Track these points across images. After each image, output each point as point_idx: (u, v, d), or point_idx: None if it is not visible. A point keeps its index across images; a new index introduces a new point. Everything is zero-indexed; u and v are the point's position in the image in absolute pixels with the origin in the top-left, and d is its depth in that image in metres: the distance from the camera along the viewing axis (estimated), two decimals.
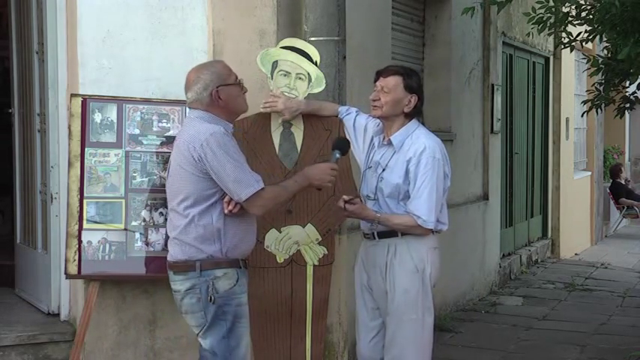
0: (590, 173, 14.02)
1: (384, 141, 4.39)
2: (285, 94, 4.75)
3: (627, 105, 7.30)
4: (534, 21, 6.43)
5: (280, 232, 4.80)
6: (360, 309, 4.51)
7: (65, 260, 4.76)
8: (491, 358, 6.59)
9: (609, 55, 7.10)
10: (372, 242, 4.38)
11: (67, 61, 5.21)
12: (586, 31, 6.64)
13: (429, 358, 4.38)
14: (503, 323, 7.73)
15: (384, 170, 4.31)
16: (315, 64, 4.81)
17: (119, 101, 4.84)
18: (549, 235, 11.94)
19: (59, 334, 5.20)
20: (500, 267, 9.50)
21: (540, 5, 6.34)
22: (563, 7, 6.52)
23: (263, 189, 3.82)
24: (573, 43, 6.88)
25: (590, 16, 6.40)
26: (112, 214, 4.76)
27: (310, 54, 4.82)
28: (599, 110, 7.60)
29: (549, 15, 6.40)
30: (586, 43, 7.18)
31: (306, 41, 4.95)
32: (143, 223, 4.78)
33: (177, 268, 3.89)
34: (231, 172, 3.77)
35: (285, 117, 4.72)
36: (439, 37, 7.93)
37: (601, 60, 6.97)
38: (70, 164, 4.78)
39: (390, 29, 6.69)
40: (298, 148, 4.80)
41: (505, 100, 9.82)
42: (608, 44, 7.06)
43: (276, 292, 4.82)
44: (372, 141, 4.50)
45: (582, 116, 12.69)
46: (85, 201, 4.73)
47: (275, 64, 4.80)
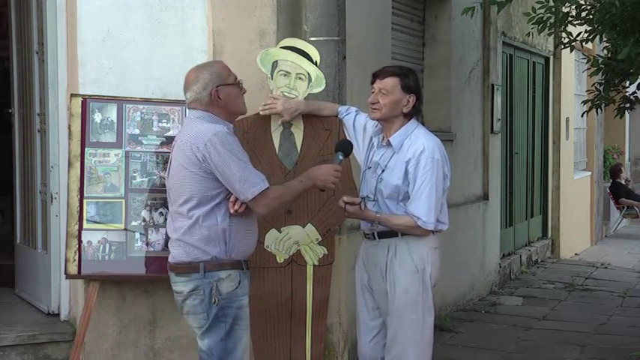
0: (590, 173, 14.03)
1: (383, 142, 4.38)
2: (285, 95, 4.75)
3: (627, 105, 7.30)
4: (534, 21, 6.43)
5: (280, 232, 4.80)
6: (360, 309, 4.51)
7: (65, 260, 4.76)
8: (491, 358, 6.59)
9: (609, 55, 7.10)
10: (373, 242, 4.38)
11: (67, 61, 5.21)
12: (586, 31, 6.64)
13: (429, 358, 4.38)
14: (503, 323, 7.73)
15: (384, 171, 4.31)
16: (315, 64, 4.81)
17: (119, 101, 4.84)
18: (549, 235, 11.94)
19: (59, 334, 5.20)
20: (500, 267, 9.50)
21: (540, 5, 6.34)
22: (563, 7, 6.52)
23: (268, 188, 3.81)
24: (573, 43, 6.88)
25: (590, 16, 6.40)
26: (112, 214, 4.76)
27: (310, 54, 4.82)
28: (599, 110, 7.60)
29: (549, 15, 6.40)
30: (586, 43, 7.18)
31: (306, 41, 4.94)
32: (143, 223, 4.78)
33: (180, 270, 3.86)
34: (237, 172, 3.75)
35: (284, 118, 4.71)
36: (439, 37, 7.93)
37: (601, 60, 6.97)
38: (70, 164, 4.77)
39: (390, 29, 6.69)
40: (298, 148, 4.79)
41: (505, 100, 9.82)
42: (608, 44, 7.06)
43: (276, 292, 4.82)
44: (371, 141, 4.49)
45: (582, 116, 12.69)
46: (85, 201, 4.73)
47: (275, 64, 4.79)
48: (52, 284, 5.39)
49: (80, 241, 4.72)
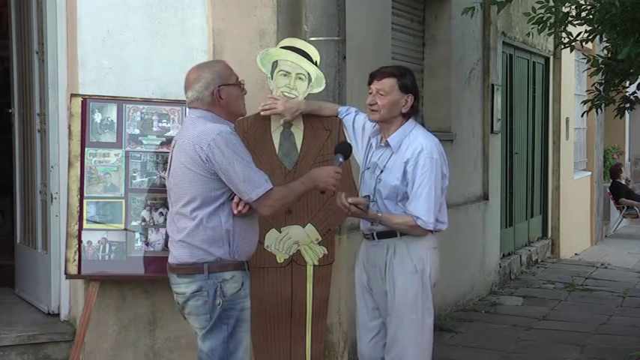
0: (590, 173, 14.03)
1: (382, 142, 4.37)
2: (285, 95, 4.75)
3: (627, 105, 7.30)
4: (534, 21, 6.43)
5: (280, 232, 4.80)
6: (360, 309, 4.51)
7: (65, 260, 4.76)
8: (491, 358, 6.59)
9: (609, 55, 7.10)
10: (372, 242, 4.37)
11: (67, 61, 5.21)
12: (586, 31, 6.64)
13: (429, 358, 4.38)
14: (503, 323, 7.73)
15: (382, 172, 4.30)
16: (315, 64, 4.81)
17: (119, 101, 4.84)
18: (549, 235, 11.93)
19: (59, 334, 5.20)
20: (500, 267, 9.50)
21: (540, 5, 6.34)
22: (563, 7, 6.52)
23: (272, 189, 3.78)
24: (573, 43, 6.88)
25: (590, 16, 6.40)
26: (112, 214, 4.76)
27: (310, 54, 4.82)
28: (599, 110, 7.59)
29: (549, 15, 6.40)
30: (586, 43, 7.18)
31: (306, 41, 4.94)
32: (143, 223, 4.78)
33: (183, 271, 3.82)
34: (241, 172, 3.72)
35: (286, 118, 4.71)
36: (439, 37, 7.93)
37: (601, 60, 6.97)
38: (70, 164, 4.77)
39: (390, 29, 6.68)
40: (298, 148, 4.79)
41: (505, 100, 9.82)
42: (608, 44, 7.06)
43: (276, 292, 4.82)
44: (370, 142, 4.48)
45: (582, 116, 12.69)
46: (85, 201, 4.73)
47: (275, 64, 4.79)
48: (52, 284, 5.39)
49: (80, 241, 4.72)
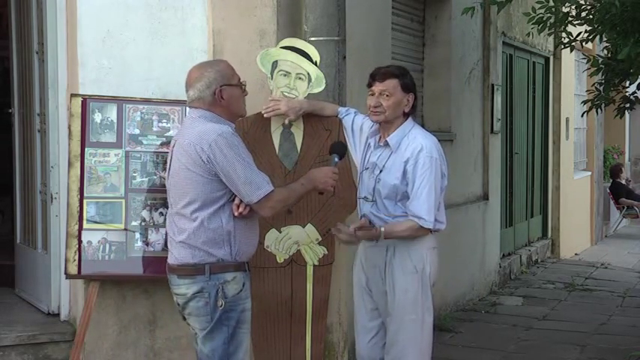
0: (590, 173, 14.03)
1: (380, 142, 4.37)
2: (285, 95, 4.75)
3: (627, 105, 7.30)
4: (534, 21, 6.43)
5: (280, 232, 4.80)
6: (358, 310, 4.51)
7: (65, 260, 4.76)
8: (491, 358, 6.59)
9: (609, 55, 7.11)
10: (371, 243, 4.36)
11: (67, 61, 5.21)
12: (586, 31, 6.64)
13: (429, 358, 4.38)
14: (503, 323, 7.73)
15: (382, 171, 4.30)
16: (315, 64, 4.81)
17: (119, 101, 4.84)
18: (549, 235, 11.94)
19: (59, 334, 5.20)
20: (500, 267, 9.50)
21: (540, 5, 6.34)
22: (563, 7, 6.52)
23: (273, 191, 3.77)
24: (573, 43, 6.88)
25: (590, 16, 6.41)
26: (112, 214, 4.76)
27: (310, 54, 4.82)
28: (599, 110, 7.60)
29: (549, 15, 6.41)
30: (586, 43, 7.18)
31: (306, 41, 4.94)
32: (143, 223, 4.77)
33: (184, 272, 3.80)
34: (242, 174, 3.70)
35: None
36: (439, 37, 7.93)
37: (601, 60, 6.98)
38: (70, 164, 4.77)
39: (390, 29, 6.69)
40: (298, 148, 4.79)
41: (505, 100, 9.82)
42: (608, 44, 7.06)
43: (276, 292, 4.82)
44: (367, 142, 4.47)
45: (582, 116, 12.69)
46: (85, 201, 4.73)
47: (275, 64, 4.79)
48: (52, 284, 5.39)
49: (80, 241, 4.72)
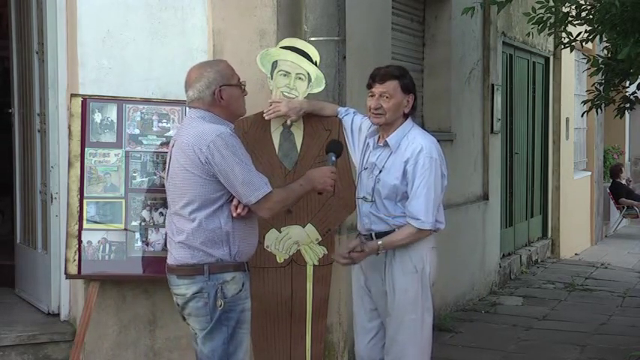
0: (590, 173, 14.03)
1: (380, 142, 4.37)
2: (285, 95, 4.75)
3: (627, 105, 7.30)
4: (534, 21, 6.43)
5: (280, 232, 4.81)
6: (357, 311, 4.50)
7: (65, 260, 4.76)
8: (491, 358, 6.59)
9: (609, 55, 7.10)
10: None
11: (67, 61, 5.21)
12: (586, 31, 6.64)
13: (428, 358, 4.38)
14: (503, 323, 7.73)
15: (381, 172, 4.29)
16: (315, 64, 4.81)
17: (119, 101, 4.84)
18: (549, 235, 11.94)
19: (59, 334, 5.20)
20: (500, 267, 9.50)
21: (540, 5, 6.34)
22: (563, 7, 6.52)
23: (271, 192, 3.76)
24: (573, 43, 6.88)
25: (590, 16, 6.41)
26: (112, 214, 4.76)
27: (310, 54, 4.82)
28: (599, 110, 7.60)
29: (549, 15, 6.40)
30: (586, 43, 7.18)
31: (306, 41, 4.94)
32: (143, 223, 4.78)
33: (183, 272, 3.80)
34: (240, 175, 3.69)
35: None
36: (439, 37, 7.93)
37: (601, 60, 6.98)
38: (70, 164, 4.77)
39: (390, 29, 6.68)
40: (298, 148, 4.80)
41: (505, 100, 9.82)
42: (608, 44, 7.06)
43: (276, 292, 4.82)
44: (367, 142, 4.46)
45: (582, 116, 12.69)
46: (85, 201, 4.73)
47: (275, 64, 4.79)
48: (52, 284, 5.39)
49: (80, 241, 4.72)
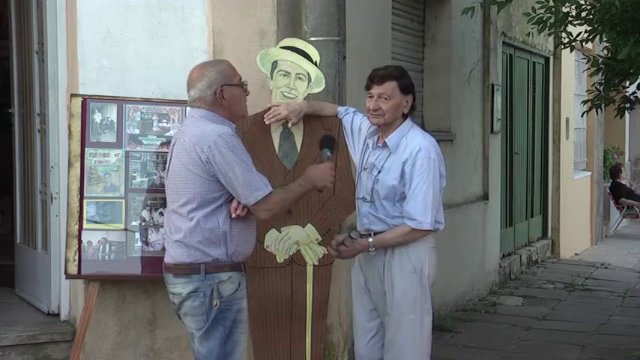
0: (590, 173, 14.03)
1: (379, 142, 4.36)
2: (285, 95, 4.75)
3: (627, 105, 7.30)
4: (534, 21, 6.43)
5: (280, 232, 4.80)
6: (357, 311, 4.50)
7: (65, 260, 4.76)
8: (491, 358, 6.59)
9: (609, 55, 7.11)
10: None
11: (67, 61, 5.21)
12: (586, 31, 6.64)
13: (428, 358, 4.38)
14: (503, 323, 7.73)
15: (380, 172, 4.29)
16: (315, 64, 4.81)
17: (119, 101, 4.84)
18: (549, 235, 11.94)
19: (59, 334, 5.20)
20: (500, 267, 9.50)
21: (540, 5, 6.34)
22: (563, 7, 6.52)
23: (271, 193, 3.76)
24: (573, 43, 6.88)
25: (590, 16, 6.41)
26: (112, 214, 4.76)
27: (310, 54, 4.82)
28: (599, 110, 7.60)
29: (549, 15, 6.41)
30: (586, 43, 7.18)
31: (306, 41, 4.95)
32: (143, 223, 4.78)
33: (180, 271, 3.80)
34: (240, 175, 3.69)
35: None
36: (439, 37, 7.93)
37: (601, 60, 6.98)
38: (70, 164, 4.77)
39: (390, 29, 6.69)
40: (298, 148, 4.80)
41: (505, 100, 9.82)
42: (608, 44, 7.07)
43: (276, 292, 4.82)
44: (366, 142, 4.46)
45: (582, 116, 12.69)
46: (85, 201, 4.73)
47: (275, 64, 4.80)
48: (52, 284, 5.39)
49: (80, 241, 4.72)
